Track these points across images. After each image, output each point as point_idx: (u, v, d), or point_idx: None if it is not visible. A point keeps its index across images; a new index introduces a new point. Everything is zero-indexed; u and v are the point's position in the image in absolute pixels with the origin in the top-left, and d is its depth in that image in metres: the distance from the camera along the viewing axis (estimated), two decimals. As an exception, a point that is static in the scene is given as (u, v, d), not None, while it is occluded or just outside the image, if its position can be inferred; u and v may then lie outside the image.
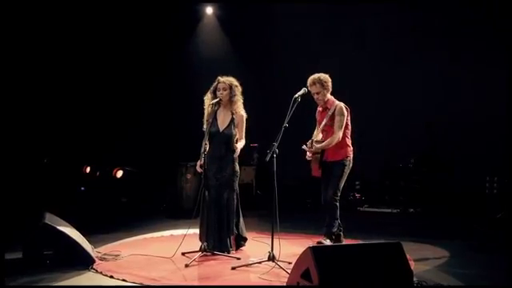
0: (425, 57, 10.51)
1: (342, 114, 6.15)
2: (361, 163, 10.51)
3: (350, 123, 6.32)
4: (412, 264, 5.35)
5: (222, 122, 6.19)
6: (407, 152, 10.27)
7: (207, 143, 5.90)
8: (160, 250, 6.16)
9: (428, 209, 9.66)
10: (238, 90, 6.23)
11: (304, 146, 6.23)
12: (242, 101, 6.26)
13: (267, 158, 5.47)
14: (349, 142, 6.32)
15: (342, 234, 6.41)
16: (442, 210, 9.50)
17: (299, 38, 11.67)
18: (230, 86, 6.16)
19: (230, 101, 6.18)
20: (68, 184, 10.35)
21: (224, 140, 6.15)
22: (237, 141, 6.20)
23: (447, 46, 10.34)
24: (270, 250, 5.49)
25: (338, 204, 6.22)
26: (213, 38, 12.30)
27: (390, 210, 10.05)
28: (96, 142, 10.80)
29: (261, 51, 11.87)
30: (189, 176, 9.26)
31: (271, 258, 5.44)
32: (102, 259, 5.69)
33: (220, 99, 6.11)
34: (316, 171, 6.33)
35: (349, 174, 6.32)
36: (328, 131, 6.25)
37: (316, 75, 6.23)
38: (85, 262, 5.41)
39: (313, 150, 6.16)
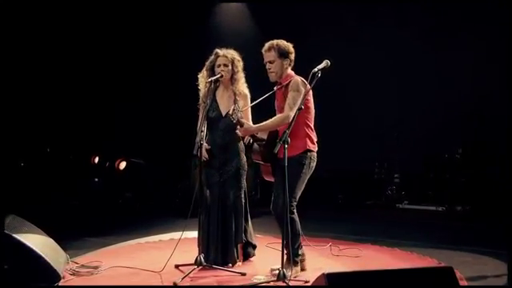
0: (473, 38, 9.26)
1: (297, 90, 4.57)
2: (400, 153, 9.73)
3: (312, 106, 4.75)
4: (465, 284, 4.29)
5: (225, 105, 5.14)
6: (454, 141, 9.22)
7: (204, 130, 4.81)
8: (151, 260, 5.18)
9: (479, 207, 8.59)
10: (241, 65, 5.18)
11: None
12: (244, 78, 5.20)
13: (275, 150, 4.30)
14: (310, 131, 4.73)
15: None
16: (495, 208, 8.33)
17: (333, 19, 10.41)
18: (232, 61, 5.11)
19: (232, 78, 5.13)
20: (71, 175, 9.39)
21: (228, 126, 5.09)
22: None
23: (497, 28, 9.00)
24: (279, 266, 4.36)
25: (295, 216, 4.67)
26: (235, 22, 11.06)
27: (434, 208, 9.03)
28: (99, 130, 9.83)
29: (290, 34, 10.59)
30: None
31: (281, 278, 4.29)
32: (73, 273, 4.67)
33: (221, 76, 5.01)
34: (265, 173, 4.93)
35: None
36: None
37: (275, 40, 4.82)
38: (48, 278, 4.36)
39: (242, 129, 4.63)
